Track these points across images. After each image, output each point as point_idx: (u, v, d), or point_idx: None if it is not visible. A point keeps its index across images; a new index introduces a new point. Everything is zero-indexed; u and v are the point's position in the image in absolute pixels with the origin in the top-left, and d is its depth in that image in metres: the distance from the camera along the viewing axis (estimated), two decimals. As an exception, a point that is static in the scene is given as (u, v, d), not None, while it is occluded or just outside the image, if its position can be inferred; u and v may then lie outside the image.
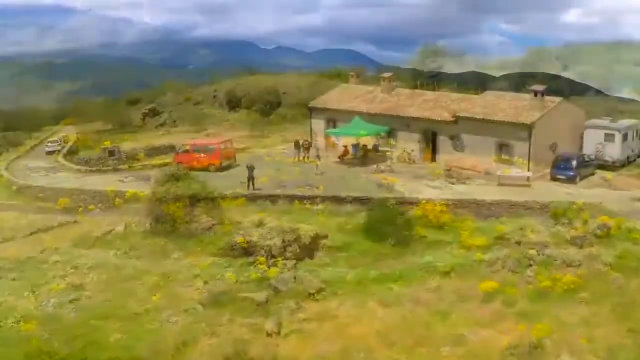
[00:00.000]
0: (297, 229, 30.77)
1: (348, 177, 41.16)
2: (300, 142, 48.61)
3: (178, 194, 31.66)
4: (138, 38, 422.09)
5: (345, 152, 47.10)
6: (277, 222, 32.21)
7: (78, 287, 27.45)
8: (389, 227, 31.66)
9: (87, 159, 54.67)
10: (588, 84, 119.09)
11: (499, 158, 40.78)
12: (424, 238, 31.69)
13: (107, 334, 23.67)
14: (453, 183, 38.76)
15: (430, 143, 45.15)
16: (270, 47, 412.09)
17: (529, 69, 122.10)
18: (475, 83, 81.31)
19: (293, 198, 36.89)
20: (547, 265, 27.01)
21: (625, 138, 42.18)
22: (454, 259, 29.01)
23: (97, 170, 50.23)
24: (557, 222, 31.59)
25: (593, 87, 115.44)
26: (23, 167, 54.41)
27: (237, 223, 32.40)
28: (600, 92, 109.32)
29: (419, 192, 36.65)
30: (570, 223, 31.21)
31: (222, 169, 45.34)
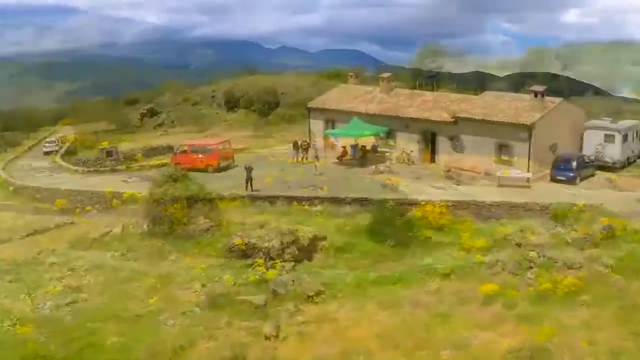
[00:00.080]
0: (295, 231, 30.55)
1: (352, 177, 41.01)
2: (299, 142, 48.40)
3: (176, 196, 31.40)
4: (138, 38, 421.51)
5: (344, 152, 46.88)
6: (275, 223, 32.01)
7: (75, 289, 27.17)
8: (390, 228, 31.47)
9: (84, 160, 54.50)
10: (587, 84, 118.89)
11: (499, 159, 40.61)
12: (423, 240, 31.50)
13: (104, 337, 23.36)
14: (458, 184, 38.56)
15: (430, 144, 44.99)
16: (274, 47, 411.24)
17: (529, 69, 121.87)
18: (475, 83, 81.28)
19: (292, 199, 36.73)
20: (547, 268, 26.71)
21: (626, 139, 41.99)
22: (454, 261, 28.72)
23: (94, 171, 50.11)
24: (557, 223, 31.43)
25: (592, 87, 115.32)
26: (27, 167, 54.39)
27: (235, 224, 32.20)
28: (599, 92, 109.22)
29: (424, 193, 36.44)
30: (571, 225, 31.05)
31: (220, 170, 45.19)
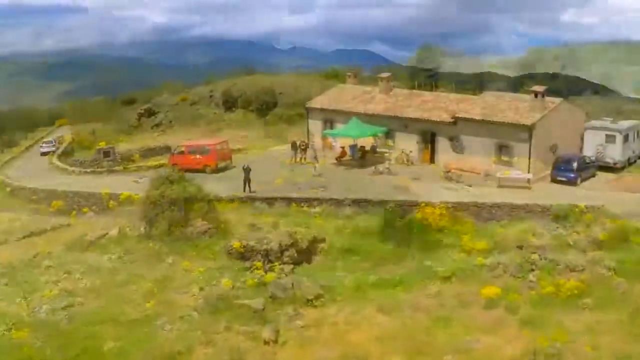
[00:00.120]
0: (294, 233, 30.24)
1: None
2: (297, 142, 47.99)
3: (173, 197, 30.96)
4: (137, 38, 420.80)
5: (343, 153, 46.49)
6: (274, 225, 31.70)
7: (71, 293, 26.80)
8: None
9: (81, 161, 54.09)
10: (585, 84, 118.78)
11: (499, 159, 40.25)
12: (423, 242, 31.21)
13: (100, 342, 23.02)
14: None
15: (429, 144, 44.65)
16: (287, 47, 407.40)
17: (528, 69, 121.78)
18: (473, 83, 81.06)
19: (290, 200, 36.39)
20: (549, 270, 26.50)
21: (626, 139, 41.59)
22: (455, 264, 28.52)
23: (92, 172, 49.79)
24: (559, 225, 31.12)
25: (591, 86, 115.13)
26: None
27: (233, 227, 31.88)
28: (598, 91, 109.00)
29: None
30: (573, 226, 30.76)
31: (218, 171, 44.83)
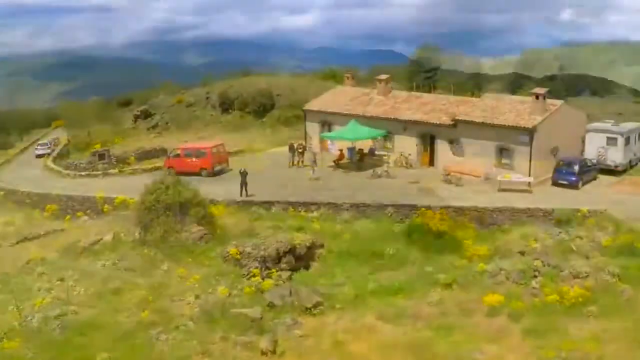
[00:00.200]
0: (292, 239, 29.60)
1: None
2: (295, 145, 47.38)
3: (168, 202, 30.30)
4: (135, 38, 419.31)
5: (341, 156, 45.96)
6: (271, 231, 31.15)
7: (64, 301, 26.11)
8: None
9: (76, 163, 53.43)
10: (584, 85, 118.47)
11: (499, 162, 39.77)
12: (424, 248, 30.71)
13: (93, 353, 22.22)
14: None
15: (429, 147, 44.12)
16: (312, 47, 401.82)
17: (526, 70, 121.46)
18: (471, 84, 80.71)
19: (288, 205, 35.89)
20: (552, 277, 25.80)
21: (628, 142, 41.11)
22: (456, 270, 27.95)
23: (87, 175, 49.19)
24: (561, 229, 30.59)
25: (589, 87, 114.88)
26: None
27: (229, 232, 31.29)
28: (597, 92, 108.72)
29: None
30: (575, 231, 30.24)
31: (214, 174, 44.28)
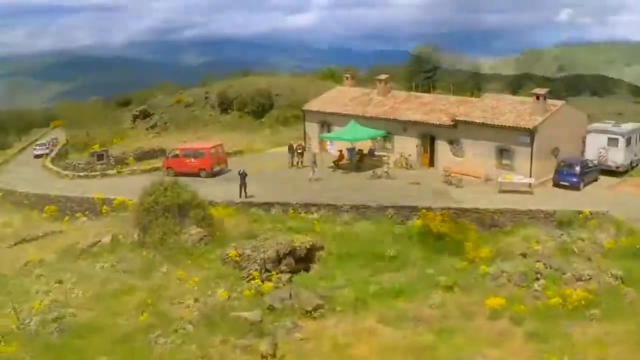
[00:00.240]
0: (292, 241, 29.35)
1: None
2: (294, 146, 47.11)
3: (167, 204, 30.05)
4: (134, 37, 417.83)
5: (341, 156, 45.72)
6: (271, 232, 30.91)
7: (62, 303, 25.90)
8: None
9: (75, 164, 53.18)
10: (583, 85, 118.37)
11: (500, 163, 39.54)
12: (425, 249, 30.50)
13: (92, 356, 22.04)
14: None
15: (429, 147, 43.89)
16: (312, 47, 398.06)
17: (525, 70, 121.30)
18: (470, 84, 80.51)
19: (287, 206, 35.64)
20: (555, 279, 25.61)
21: (629, 142, 40.84)
22: (457, 272, 27.75)
23: (85, 176, 48.94)
24: (563, 231, 30.37)
25: (589, 87, 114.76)
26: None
27: (229, 234, 31.05)
28: (597, 92, 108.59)
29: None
30: (577, 233, 30.02)
31: (213, 175, 44.04)
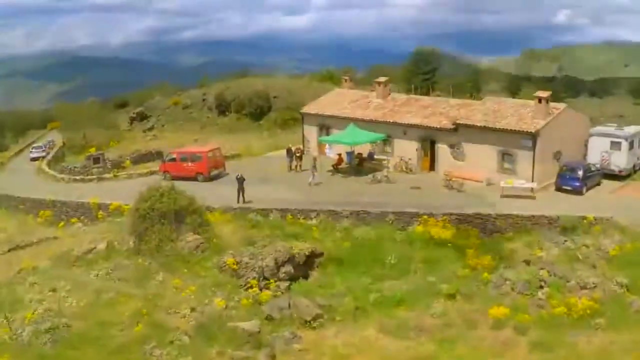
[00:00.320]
0: (290, 248, 28.73)
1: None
2: (293, 149, 46.50)
3: (163, 211, 29.42)
4: (132, 38, 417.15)
5: (340, 160, 45.16)
6: (269, 239, 30.35)
7: (56, 313, 25.30)
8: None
9: (71, 167, 52.55)
10: (582, 86, 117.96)
11: (501, 167, 38.98)
12: (426, 256, 29.96)
13: (86, 368, 21.63)
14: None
15: (429, 151, 43.30)
16: (310, 47, 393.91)
17: (524, 71, 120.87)
18: (470, 85, 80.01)
19: (286, 212, 35.06)
20: (559, 288, 25.09)
21: (632, 146, 40.26)
22: (459, 280, 27.22)
23: (81, 180, 48.34)
24: (567, 238, 29.79)
25: (588, 89, 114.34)
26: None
27: (226, 241, 30.48)
28: (596, 93, 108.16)
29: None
30: (581, 239, 29.46)
31: (210, 179, 43.43)
